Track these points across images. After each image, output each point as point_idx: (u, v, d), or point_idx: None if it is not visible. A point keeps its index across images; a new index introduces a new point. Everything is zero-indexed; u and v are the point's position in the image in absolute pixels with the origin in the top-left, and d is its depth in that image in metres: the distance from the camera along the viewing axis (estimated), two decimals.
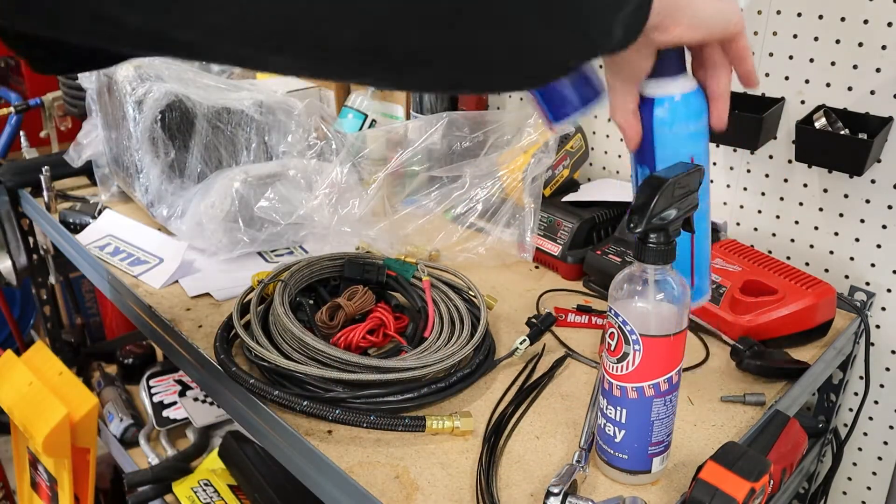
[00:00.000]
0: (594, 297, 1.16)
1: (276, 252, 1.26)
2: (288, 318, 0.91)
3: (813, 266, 1.18)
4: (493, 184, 1.26)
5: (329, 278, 1.07)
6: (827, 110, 1.08)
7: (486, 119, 1.32)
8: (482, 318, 0.98)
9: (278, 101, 1.39)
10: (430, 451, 0.81)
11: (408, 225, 1.25)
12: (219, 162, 1.35)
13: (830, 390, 1.16)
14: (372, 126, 1.62)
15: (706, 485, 0.67)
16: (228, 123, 1.33)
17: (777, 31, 1.13)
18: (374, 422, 0.80)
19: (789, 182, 1.18)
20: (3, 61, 2.76)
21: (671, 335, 0.69)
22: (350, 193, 1.26)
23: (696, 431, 0.85)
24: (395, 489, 0.76)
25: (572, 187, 1.34)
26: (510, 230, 1.25)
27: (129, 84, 1.27)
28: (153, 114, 1.24)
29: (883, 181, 1.08)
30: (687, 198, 0.72)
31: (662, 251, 0.67)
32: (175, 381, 1.66)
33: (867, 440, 1.21)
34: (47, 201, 1.46)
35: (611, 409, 0.74)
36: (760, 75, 1.17)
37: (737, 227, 1.26)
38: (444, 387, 0.87)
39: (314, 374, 0.85)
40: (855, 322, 1.08)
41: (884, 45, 1.03)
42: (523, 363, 0.97)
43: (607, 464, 0.77)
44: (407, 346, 0.94)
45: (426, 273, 1.05)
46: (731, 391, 0.92)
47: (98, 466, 1.51)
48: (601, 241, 1.22)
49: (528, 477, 0.78)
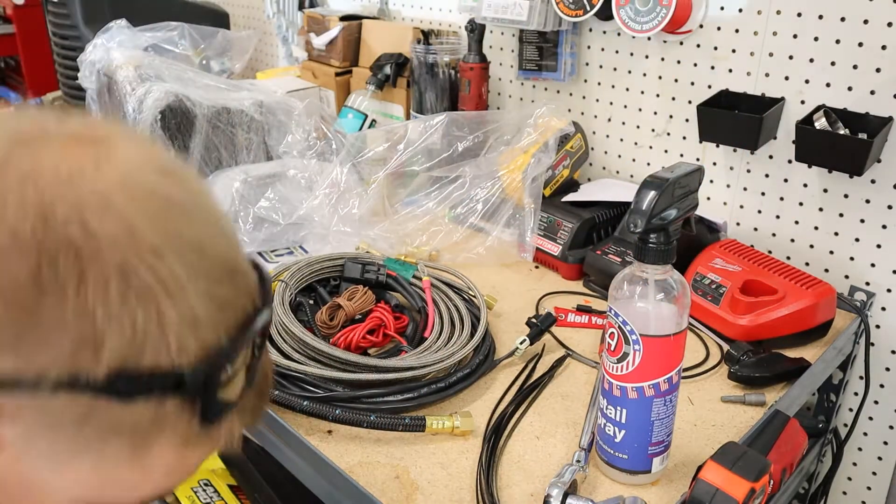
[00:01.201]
0: (594, 297, 1.16)
1: (276, 252, 1.26)
2: (288, 318, 0.91)
3: (813, 266, 1.18)
4: (493, 184, 1.26)
5: (329, 278, 1.07)
6: (827, 110, 1.08)
7: (486, 119, 1.32)
8: (482, 318, 0.98)
9: (278, 101, 1.39)
10: (430, 451, 0.81)
11: (408, 225, 1.25)
12: (219, 162, 1.35)
13: (830, 390, 1.16)
14: (372, 126, 1.62)
15: (706, 485, 0.67)
16: (228, 123, 1.34)
17: (777, 31, 1.13)
18: (374, 422, 0.80)
19: (789, 182, 1.18)
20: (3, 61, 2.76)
21: (671, 335, 0.69)
22: (350, 193, 1.26)
23: (696, 431, 0.85)
24: (395, 489, 0.76)
25: (572, 187, 1.34)
26: (510, 230, 1.25)
27: (129, 84, 1.27)
28: (153, 114, 1.24)
29: (883, 181, 1.08)
30: (687, 198, 0.72)
31: (662, 251, 0.67)
32: None
33: (867, 440, 1.21)
34: None
35: (611, 409, 0.74)
36: (760, 75, 1.17)
37: (737, 227, 1.26)
38: (444, 387, 0.87)
39: (314, 374, 0.85)
40: (855, 322, 1.08)
41: (884, 45, 1.03)
42: (523, 363, 0.97)
43: (607, 464, 0.77)
44: (407, 346, 0.94)
45: (426, 273, 1.05)
46: (731, 391, 0.92)
47: None
48: (601, 241, 1.22)
49: (528, 477, 0.78)
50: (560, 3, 1.30)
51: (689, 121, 1.28)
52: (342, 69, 1.74)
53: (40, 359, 0.36)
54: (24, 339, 0.36)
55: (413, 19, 1.76)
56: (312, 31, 1.80)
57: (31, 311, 0.36)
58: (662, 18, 1.17)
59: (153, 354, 0.38)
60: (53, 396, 0.37)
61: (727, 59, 1.20)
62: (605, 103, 1.41)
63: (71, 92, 1.83)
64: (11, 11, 2.47)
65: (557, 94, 1.48)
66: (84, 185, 0.37)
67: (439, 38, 1.55)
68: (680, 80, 1.28)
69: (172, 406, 0.40)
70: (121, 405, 0.38)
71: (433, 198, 1.28)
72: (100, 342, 0.37)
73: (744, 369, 0.92)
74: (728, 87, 1.20)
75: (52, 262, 0.36)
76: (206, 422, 0.42)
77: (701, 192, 0.75)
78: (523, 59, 1.47)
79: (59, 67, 1.88)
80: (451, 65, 1.51)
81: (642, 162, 1.38)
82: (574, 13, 1.29)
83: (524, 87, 1.55)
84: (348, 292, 1.01)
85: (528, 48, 1.45)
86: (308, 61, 1.82)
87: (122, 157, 0.40)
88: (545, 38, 1.42)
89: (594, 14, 1.26)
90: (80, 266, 0.36)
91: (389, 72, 1.60)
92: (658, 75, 1.30)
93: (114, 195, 0.38)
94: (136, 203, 0.38)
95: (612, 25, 1.32)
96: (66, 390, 0.37)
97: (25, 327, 0.36)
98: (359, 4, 1.90)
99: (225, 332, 0.41)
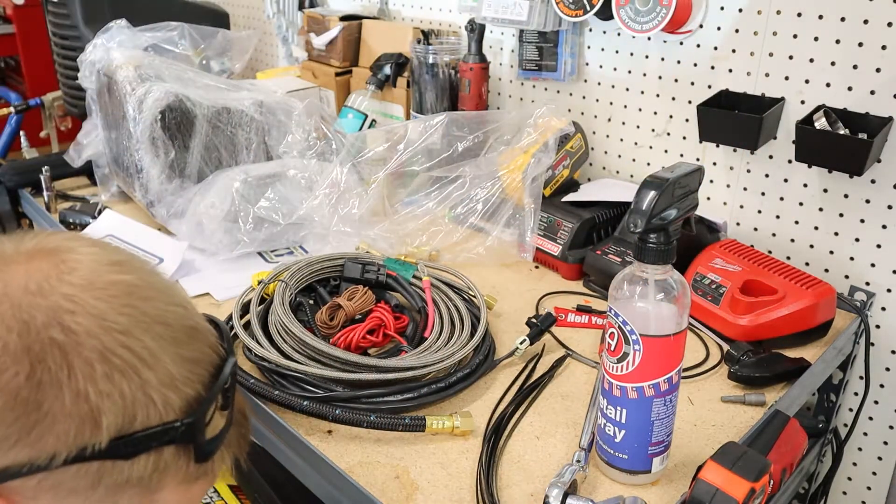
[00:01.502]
0: (594, 297, 1.16)
1: (276, 252, 1.26)
2: (288, 318, 0.91)
3: (813, 266, 1.18)
4: (493, 184, 1.26)
5: (329, 278, 1.07)
6: (827, 110, 1.08)
7: (486, 119, 1.32)
8: (482, 318, 0.98)
9: (278, 101, 1.39)
10: (430, 451, 0.81)
11: (408, 225, 1.25)
12: (219, 162, 1.35)
13: (830, 390, 1.16)
14: (372, 126, 1.62)
15: (706, 485, 0.67)
16: (228, 123, 1.34)
17: (777, 31, 1.13)
18: (374, 422, 0.80)
19: (789, 182, 1.18)
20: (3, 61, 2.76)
21: (671, 335, 0.69)
22: (350, 193, 1.26)
23: (696, 431, 0.85)
24: (395, 489, 0.76)
25: (572, 187, 1.34)
26: (510, 230, 1.25)
27: (129, 84, 1.27)
28: (153, 114, 1.24)
29: (883, 181, 1.08)
30: (687, 198, 0.72)
31: (662, 251, 0.67)
32: None
33: (867, 440, 1.21)
34: (47, 201, 1.46)
35: (611, 409, 0.74)
36: (760, 75, 1.17)
37: (737, 227, 1.26)
38: (444, 387, 0.87)
39: (314, 374, 0.85)
40: (855, 322, 1.08)
41: (884, 45, 1.03)
42: (523, 363, 0.97)
43: (607, 464, 0.77)
44: (407, 346, 0.94)
45: (426, 273, 1.05)
46: (731, 391, 0.92)
47: None
48: (601, 241, 1.22)
49: (528, 477, 0.78)
50: (560, 3, 1.30)
51: (689, 121, 1.28)
52: (342, 69, 1.74)
53: (51, 443, 0.42)
54: (33, 431, 0.42)
55: (413, 19, 1.76)
56: (312, 31, 1.80)
57: (35, 406, 0.42)
58: (662, 18, 1.17)
59: (144, 415, 0.45)
60: (65, 469, 0.43)
61: (727, 59, 1.20)
62: (605, 103, 1.41)
63: (71, 92, 1.83)
64: (11, 11, 2.48)
65: (557, 94, 1.48)
66: (53, 293, 0.44)
67: (439, 38, 1.55)
68: (680, 80, 1.28)
69: (170, 454, 0.47)
70: (125, 463, 0.45)
71: (433, 198, 1.28)
72: (98, 416, 0.43)
73: (744, 369, 0.92)
74: (728, 87, 1.20)
75: (42, 361, 0.42)
76: (200, 461, 0.49)
77: (701, 192, 0.75)
78: (523, 59, 1.47)
79: (59, 67, 1.88)
80: (451, 65, 1.51)
81: (642, 162, 1.38)
82: (574, 13, 1.29)
83: (524, 87, 1.55)
84: (348, 292, 1.01)
85: (527, 48, 1.45)
86: (308, 61, 1.82)
87: (78, 261, 0.47)
88: (545, 38, 1.42)
89: (594, 14, 1.26)
90: (67, 359, 0.43)
91: (389, 72, 1.60)
92: (658, 75, 1.30)
93: (80, 295, 0.45)
94: (101, 297, 0.45)
95: (612, 25, 1.32)
96: (77, 462, 0.43)
97: (33, 421, 0.42)
98: (359, 4, 1.90)
99: (200, 384, 0.48)
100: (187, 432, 0.47)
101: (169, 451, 0.47)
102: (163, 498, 0.48)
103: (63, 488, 0.44)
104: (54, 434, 0.43)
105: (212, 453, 0.50)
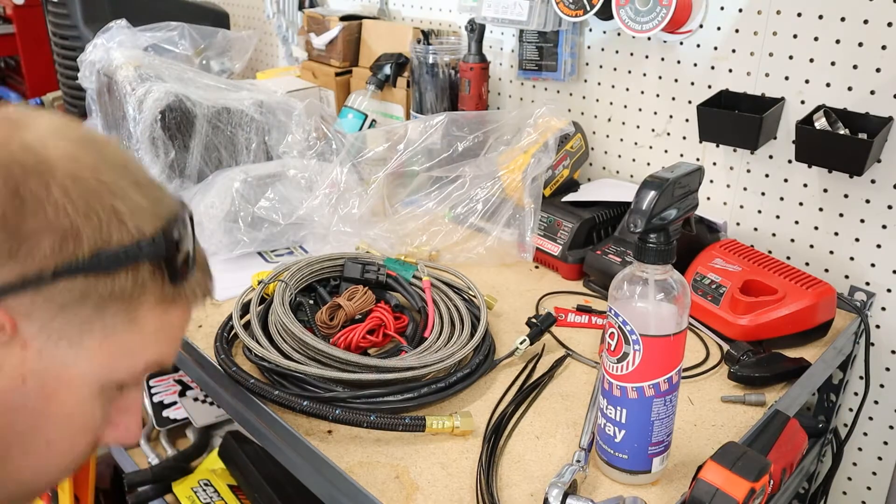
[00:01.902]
0: (594, 297, 1.16)
1: (276, 252, 1.26)
2: (288, 318, 0.91)
3: (813, 266, 1.18)
4: (493, 184, 1.26)
5: (329, 278, 1.07)
6: (827, 110, 1.08)
7: (486, 119, 1.32)
8: (482, 318, 0.98)
9: (278, 101, 1.39)
10: (430, 451, 0.81)
11: (408, 225, 1.25)
12: (219, 162, 1.35)
13: (830, 390, 1.16)
14: (372, 126, 1.62)
15: (706, 485, 0.67)
16: (228, 123, 1.34)
17: (777, 31, 1.13)
18: (374, 422, 0.80)
19: (789, 182, 1.18)
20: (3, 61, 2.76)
21: (671, 335, 0.69)
22: (350, 193, 1.26)
23: (696, 431, 0.85)
24: (395, 489, 0.76)
25: (572, 187, 1.34)
26: (510, 230, 1.25)
27: (129, 84, 1.27)
28: (153, 114, 1.24)
29: (883, 181, 1.08)
30: (687, 198, 0.72)
31: (662, 251, 0.67)
32: (175, 381, 1.66)
33: (867, 440, 1.21)
34: None
35: (611, 409, 0.74)
36: (760, 75, 1.17)
37: (737, 227, 1.26)
38: (444, 387, 0.87)
39: (314, 374, 0.85)
40: (855, 322, 1.08)
41: (884, 45, 1.03)
42: (523, 363, 0.97)
43: (607, 464, 0.77)
44: (407, 346, 0.94)
45: (426, 273, 1.05)
46: (731, 391, 0.92)
47: (98, 466, 1.51)
48: (601, 241, 1.22)
49: (528, 477, 0.78)
50: (560, 3, 1.30)
51: (689, 121, 1.28)
52: (342, 69, 1.74)
53: (38, 258, 0.46)
54: (21, 247, 0.46)
55: (413, 19, 1.76)
56: (312, 31, 1.80)
57: (20, 222, 0.46)
58: (662, 18, 1.17)
59: (119, 236, 0.49)
60: (54, 284, 0.47)
61: (727, 59, 1.20)
62: (605, 103, 1.41)
63: (71, 92, 1.83)
64: (11, 11, 2.47)
65: (557, 94, 1.48)
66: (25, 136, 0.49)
67: (439, 38, 1.55)
68: (680, 80, 1.28)
69: (146, 272, 0.51)
70: (108, 277, 0.49)
71: (433, 198, 1.28)
72: (77, 232, 0.47)
73: (744, 369, 0.92)
74: (728, 87, 1.20)
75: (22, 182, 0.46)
76: (174, 281, 0.53)
77: (701, 192, 0.75)
78: (523, 59, 1.47)
79: (59, 67, 1.88)
80: (451, 65, 1.51)
81: (642, 162, 1.38)
82: (574, 13, 1.29)
83: (524, 87, 1.56)
84: (348, 292, 1.01)
85: (527, 48, 1.45)
86: (308, 61, 1.82)
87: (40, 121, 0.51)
88: (545, 38, 1.42)
89: (594, 14, 1.26)
90: (43, 179, 0.47)
91: (389, 72, 1.60)
92: (658, 75, 1.30)
93: (48, 137, 0.49)
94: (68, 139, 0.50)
95: (612, 25, 1.32)
96: (63, 276, 0.47)
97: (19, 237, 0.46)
98: (359, 4, 1.90)
99: (165, 217, 0.53)
100: (159, 250, 0.51)
101: (146, 269, 0.51)
102: (143, 317, 0.52)
103: (54, 304, 0.48)
104: (40, 249, 0.46)
105: (184, 276, 0.55)
